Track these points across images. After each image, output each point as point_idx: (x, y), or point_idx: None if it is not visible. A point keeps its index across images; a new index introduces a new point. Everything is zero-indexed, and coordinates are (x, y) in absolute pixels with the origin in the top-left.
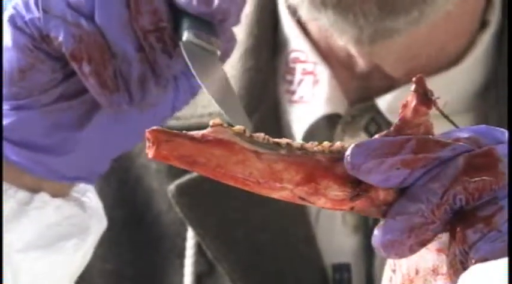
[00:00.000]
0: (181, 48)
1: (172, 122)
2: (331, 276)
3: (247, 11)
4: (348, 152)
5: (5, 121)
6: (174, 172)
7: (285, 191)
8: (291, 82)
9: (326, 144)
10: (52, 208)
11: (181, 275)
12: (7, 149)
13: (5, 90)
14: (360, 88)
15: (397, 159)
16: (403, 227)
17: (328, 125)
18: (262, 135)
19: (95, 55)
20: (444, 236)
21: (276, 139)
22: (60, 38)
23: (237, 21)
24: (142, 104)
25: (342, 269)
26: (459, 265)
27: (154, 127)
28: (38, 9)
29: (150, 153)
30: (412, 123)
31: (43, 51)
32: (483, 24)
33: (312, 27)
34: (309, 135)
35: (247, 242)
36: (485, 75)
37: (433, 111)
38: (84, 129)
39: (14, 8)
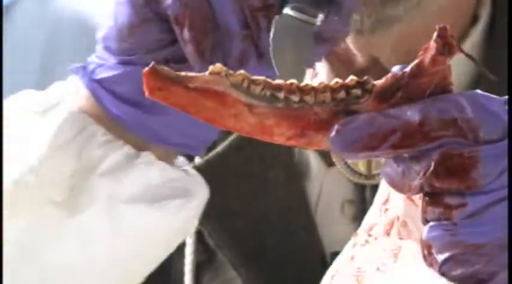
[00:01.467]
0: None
1: None
2: (330, 264)
3: None
4: (331, 134)
5: (110, 74)
6: None
7: (275, 142)
8: None
9: (328, 94)
10: (157, 169)
11: (182, 264)
12: (110, 102)
13: (114, 44)
14: None
15: (375, 153)
16: (391, 177)
17: None
18: (262, 83)
19: (197, 22)
20: None
21: (277, 85)
22: (168, 1)
23: (353, 6)
24: None
25: None
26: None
27: (151, 69)
28: None
29: (146, 92)
30: (429, 71)
31: (153, 11)
32: (474, 19)
33: None
34: None
35: (249, 231)
36: (476, 68)
37: None
38: None
39: None
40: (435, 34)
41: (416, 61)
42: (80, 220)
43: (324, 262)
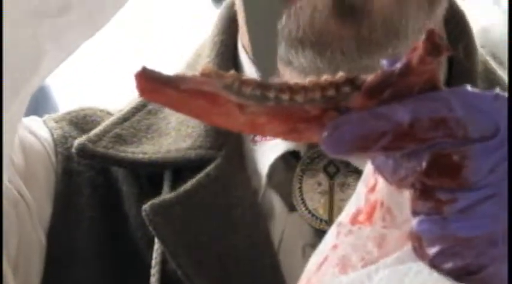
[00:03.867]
0: None
1: (139, 156)
2: None
3: (208, 57)
4: (322, 136)
5: None
6: (143, 195)
7: (266, 136)
8: None
9: (317, 92)
10: None
11: None
12: None
13: None
14: None
15: (366, 154)
16: (381, 170)
17: (287, 167)
18: (252, 83)
19: None
20: None
21: (267, 84)
22: None
23: None
24: None
25: None
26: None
27: (142, 71)
28: None
29: (138, 94)
30: (417, 70)
31: None
32: None
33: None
34: (270, 176)
35: (216, 263)
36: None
37: None
38: None
39: None
40: (423, 35)
41: (404, 60)
42: None
43: None
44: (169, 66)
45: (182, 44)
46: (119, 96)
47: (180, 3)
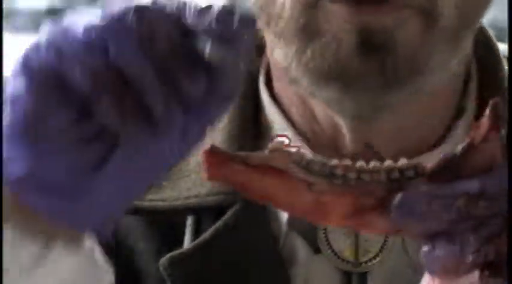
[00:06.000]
0: None
1: (159, 203)
2: None
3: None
4: (393, 205)
5: (21, 168)
6: (162, 251)
7: (329, 223)
8: None
9: (383, 174)
10: (68, 265)
11: None
12: (25, 195)
13: (21, 137)
14: None
15: (437, 223)
16: (444, 259)
17: None
18: (320, 161)
19: (113, 90)
20: None
21: (334, 164)
22: (76, 79)
23: None
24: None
25: None
26: None
27: (209, 149)
28: (49, 51)
29: (205, 174)
30: (479, 148)
31: (59, 95)
32: (459, 111)
33: (294, 115)
34: (292, 220)
35: None
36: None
37: None
38: (102, 170)
39: (25, 53)
40: (488, 110)
41: (467, 140)
42: None
43: None
44: None
45: None
46: None
47: None
